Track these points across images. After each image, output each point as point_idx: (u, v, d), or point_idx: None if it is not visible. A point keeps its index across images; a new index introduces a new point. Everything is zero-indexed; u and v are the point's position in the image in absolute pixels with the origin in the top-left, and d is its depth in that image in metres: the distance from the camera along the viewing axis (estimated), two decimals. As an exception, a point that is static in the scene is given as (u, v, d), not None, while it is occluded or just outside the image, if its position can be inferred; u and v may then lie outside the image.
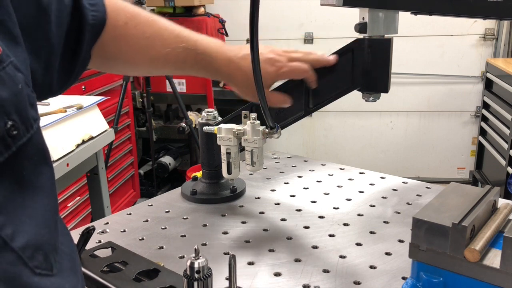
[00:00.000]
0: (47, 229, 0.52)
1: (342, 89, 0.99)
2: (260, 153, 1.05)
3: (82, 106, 1.86)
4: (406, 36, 3.86)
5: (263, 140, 1.03)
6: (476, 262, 0.60)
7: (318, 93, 1.01)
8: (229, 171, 1.09)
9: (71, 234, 0.96)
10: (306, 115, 1.04)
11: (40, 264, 0.50)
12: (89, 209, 2.45)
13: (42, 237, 0.51)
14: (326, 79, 0.99)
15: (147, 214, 1.07)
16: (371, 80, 0.95)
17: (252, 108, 1.06)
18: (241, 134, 1.04)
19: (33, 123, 0.51)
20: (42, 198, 0.52)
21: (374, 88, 0.96)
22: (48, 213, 0.53)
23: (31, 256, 0.48)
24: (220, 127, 1.06)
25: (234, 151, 1.07)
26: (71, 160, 1.70)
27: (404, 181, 1.25)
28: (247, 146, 1.03)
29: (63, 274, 0.54)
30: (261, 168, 1.07)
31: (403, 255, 0.88)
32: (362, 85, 0.96)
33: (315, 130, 4.26)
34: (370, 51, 0.94)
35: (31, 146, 0.50)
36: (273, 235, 0.97)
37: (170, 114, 3.90)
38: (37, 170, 0.52)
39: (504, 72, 3.21)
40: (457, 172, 4.21)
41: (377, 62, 0.94)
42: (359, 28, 0.92)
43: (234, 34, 3.84)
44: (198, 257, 0.66)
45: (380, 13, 0.91)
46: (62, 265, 0.54)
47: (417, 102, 4.06)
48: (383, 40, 0.93)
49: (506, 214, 0.69)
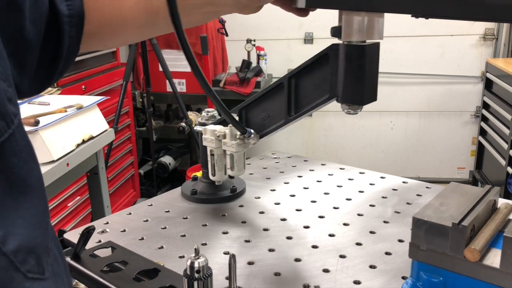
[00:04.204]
0: (39, 231, 0.50)
1: (321, 99, 0.89)
2: (239, 158, 1.04)
3: (82, 106, 1.85)
4: (406, 36, 3.86)
5: (242, 146, 1.02)
6: (476, 262, 0.60)
7: (299, 101, 0.93)
8: (213, 173, 1.09)
9: (71, 234, 0.96)
10: (287, 123, 0.96)
11: (33, 268, 0.48)
12: (89, 209, 2.45)
13: (34, 239, 0.49)
14: (306, 86, 0.92)
15: (147, 214, 1.07)
16: (347, 91, 0.84)
17: (242, 111, 1.04)
18: (222, 137, 1.04)
19: (14, 118, 0.48)
20: (34, 197, 0.51)
21: (349, 100, 0.84)
22: (40, 213, 0.51)
23: (23, 260, 0.46)
24: (206, 128, 1.07)
25: (217, 153, 1.07)
26: (71, 160, 1.70)
27: (404, 181, 1.25)
28: (226, 150, 1.04)
29: (54, 278, 0.52)
30: (241, 173, 1.07)
31: (403, 255, 0.88)
32: (338, 96, 0.85)
33: (315, 130, 4.26)
34: (345, 59, 0.82)
35: (15, 142, 0.48)
36: (273, 235, 0.97)
37: (170, 114, 3.90)
38: (27, 167, 0.50)
39: (504, 72, 3.21)
40: (457, 172, 4.21)
41: (351, 71, 0.82)
42: (333, 32, 0.81)
43: (234, 34, 3.84)
44: (198, 257, 0.66)
45: (356, 16, 0.78)
46: (54, 268, 0.53)
47: (417, 102, 4.06)
48: (357, 46, 0.80)
49: (506, 214, 0.69)
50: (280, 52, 4.06)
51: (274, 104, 0.98)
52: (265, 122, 1.01)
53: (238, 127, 0.95)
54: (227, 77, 3.63)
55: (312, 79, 0.90)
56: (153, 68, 3.44)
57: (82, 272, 0.82)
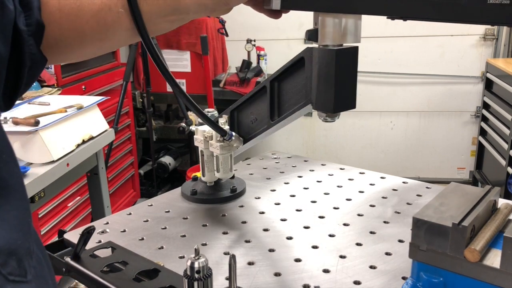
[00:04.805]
0: (21, 233, 0.50)
1: (299, 105, 0.85)
2: (225, 160, 1.04)
3: (82, 106, 1.86)
4: (406, 36, 3.87)
5: (226, 148, 1.01)
6: (476, 262, 0.60)
7: (281, 106, 0.91)
8: (203, 174, 1.09)
9: (71, 234, 0.96)
10: (269, 127, 0.94)
11: (14, 271, 0.47)
12: (89, 209, 2.45)
13: (15, 241, 0.48)
14: (288, 90, 0.88)
15: (147, 214, 1.07)
16: (319, 97, 0.80)
17: (234, 113, 1.03)
18: (209, 138, 1.03)
19: None
20: (15, 199, 0.50)
21: (320, 107, 0.80)
22: (21, 215, 0.50)
23: (3, 263, 0.46)
24: (197, 128, 1.07)
25: (206, 154, 1.07)
26: (71, 160, 1.70)
27: (404, 181, 1.24)
28: (213, 151, 1.03)
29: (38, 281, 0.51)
30: (227, 176, 1.07)
31: (403, 255, 0.88)
32: (313, 102, 0.81)
33: (315, 130, 4.26)
34: (318, 63, 0.78)
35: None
36: (273, 235, 0.97)
37: (170, 114, 3.90)
38: (8, 168, 0.50)
39: (504, 72, 3.21)
40: (457, 172, 4.21)
41: (322, 76, 0.78)
42: (309, 35, 0.78)
43: (234, 34, 3.84)
44: (198, 257, 0.66)
45: (331, 18, 0.75)
46: (37, 271, 0.52)
47: (417, 102, 4.06)
48: (328, 50, 0.76)
49: (506, 214, 0.69)
50: (280, 52, 4.06)
51: (261, 107, 0.96)
52: (254, 125, 0.99)
53: (217, 129, 0.94)
54: (227, 77, 3.63)
55: (293, 83, 0.87)
56: (153, 68, 3.44)
57: (82, 272, 0.81)
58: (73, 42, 0.73)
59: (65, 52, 0.75)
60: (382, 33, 3.80)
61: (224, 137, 0.97)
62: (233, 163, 1.09)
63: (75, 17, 0.71)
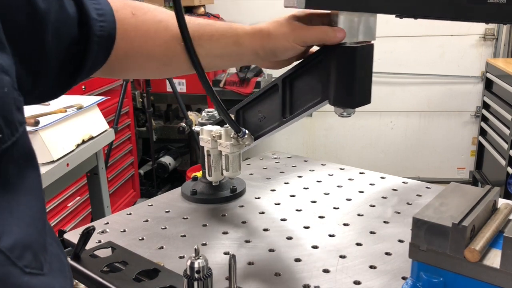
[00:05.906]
0: (35, 229, 0.52)
1: (314, 101, 0.88)
2: (234, 159, 1.04)
3: (82, 106, 1.85)
4: (406, 36, 3.86)
5: (236, 146, 1.02)
6: (476, 262, 0.60)
7: (293, 103, 0.92)
8: (209, 173, 1.09)
9: (71, 234, 0.96)
10: (281, 125, 0.95)
11: (30, 263, 0.49)
12: (89, 209, 2.45)
13: (30, 236, 0.50)
14: (301, 88, 0.90)
15: (147, 214, 1.07)
16: (338, 93, 0.82)
17: (239, 112, 1.03)
18: (217, 138, 1.04)
19: (19, 127, 0.49)
20: (29, 200, 0.52)
21: (339, 103, 0.83)
22: (35, 214, 0.52)
23: (19, 256, 0.48)
24: (202, 128, 1.07)
25: (213, 153, 1.07)
26: (71, 160, 1.70)
27: (404, 181, 1.25)
28: (222, 150, 1.04)
29: (53, 274, 0.53)
30: (236, 174, 1.07)
31: (403, 255, 0.88)
32: (330, 98, 0.84)
33: (315, 130, 4.26)
34: (337, 60, 0.81)
35: (16, 150, 0.50)
36: (273, 235, 0.97)
37: (170, 114, 3.90)
38: (22, 174, 0.51)
39: (504, 72, 3.21)
40: (457, 172, 4.21)
41: (343, 73, 0.81)
42: None
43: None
44: (198, 257, 0.66)
45: (352, 17, 0.78)
46: (52, 265, 0.54)
47: (417, 102, 4.06)
48: (349, 48, 0.79)
49: (506, 214, 0.69)
50: (280, 52, 4.05)
51: (270, 105, 0.97)
52: (262, 123, 1.00)
53: (233, 125, 0.95)
54: (227, 77, 3.63)
55: (306, 80, 0.89)
56: (153, 68, 3.44)
57: (82, 272, 0.82)
58: (140, 60, 0.81)
59: (132, 68, 0.83)
60: (382, 33, 3.79)
61: (238, 133, 0.97)
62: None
63: (149, 39, 0.79)
